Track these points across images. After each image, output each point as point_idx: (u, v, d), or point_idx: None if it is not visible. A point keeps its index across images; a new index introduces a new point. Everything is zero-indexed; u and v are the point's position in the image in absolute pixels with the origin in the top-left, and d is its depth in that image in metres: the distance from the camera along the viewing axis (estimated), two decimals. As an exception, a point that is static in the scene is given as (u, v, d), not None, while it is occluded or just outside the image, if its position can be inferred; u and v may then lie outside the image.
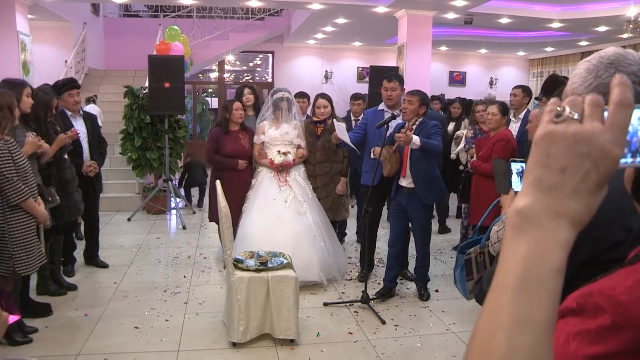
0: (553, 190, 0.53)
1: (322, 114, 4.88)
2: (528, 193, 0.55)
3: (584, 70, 1.07)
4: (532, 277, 0.52)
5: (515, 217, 0.55)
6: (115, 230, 6.31)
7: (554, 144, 0.54)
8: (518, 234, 0.54)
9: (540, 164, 0.55)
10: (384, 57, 12.42)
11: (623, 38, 9.57)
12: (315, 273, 4.31)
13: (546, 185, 0.54)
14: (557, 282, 0.52)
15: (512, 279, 0.52)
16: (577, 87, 1.08)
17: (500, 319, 0.51)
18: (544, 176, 0.54)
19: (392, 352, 3.37)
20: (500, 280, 0.54)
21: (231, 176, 4.72)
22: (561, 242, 0.53)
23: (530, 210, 0.54)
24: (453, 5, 7.64)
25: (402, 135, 3.81)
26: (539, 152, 0.55)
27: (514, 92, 5.11)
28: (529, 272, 0.52)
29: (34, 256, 3.18)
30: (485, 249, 1.99)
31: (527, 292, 0.51)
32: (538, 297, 0.51)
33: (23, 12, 7.58)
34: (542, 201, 0.54)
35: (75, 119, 4.61)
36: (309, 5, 8.09)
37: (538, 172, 0.55)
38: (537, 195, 0.54)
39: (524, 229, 0.54)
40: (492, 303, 0.54)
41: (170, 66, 6.83)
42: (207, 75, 13.96)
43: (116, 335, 3.50)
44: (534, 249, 0.53)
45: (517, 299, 0.51)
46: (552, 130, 0.55)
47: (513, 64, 14.25)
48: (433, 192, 4.15)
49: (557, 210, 0.53)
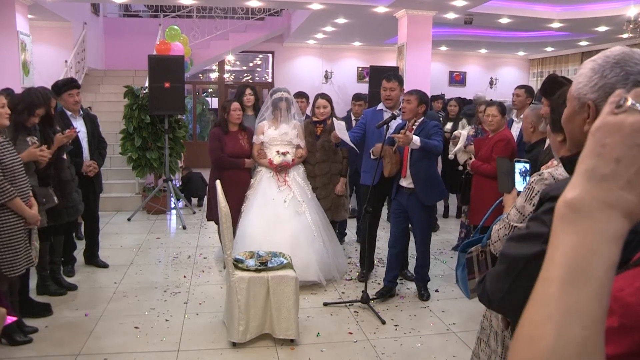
0: (606, 180, 0.52)
1: (322, 114, 4.88)
2: (578, 184, 0.53)
3: (590, 69, 1.06)
4: (581, 270, 0.50)
5: (563, 208, 0.53)
6: (115, 230, 6.31)
7: (610, 134, 0.52)
8: (567, 225, 0.53)
9: (593, 154, 0.53)
10: (384, 57, 12.41)
11: (623, 38, 9.56)
12: (314, 273, 4.30)
13: (599, 176, 0.52)
14: (609, 276, 0.51)
15: (561, 271, 0.51)
16: (582, 87, 1.08)
17: (549, 309, 0.50)
18: (597, 166, 0.52)
19: (392, 352, 3.37)
20: (549, 272, 0.53)
21: (230, 176, 4.71)
22: (613, 234, 0.51)
23: (580, 201, 0.52)
24: (453, 5, 7.64)
25: (402, 136, 3.81)
26: (593, 142, 0.54)
27: (517, 92, 5.10)
28: (579, 264, 0.51)
29: (21, 257, 3.12)
30: (487, 248, 1.99)
31: (576, 284, 0.50)
32: (588, 290, 0.50)
33: (23, 12, 7.57)
34: (593, 192, 0.52)
35: (75, 119, 4.61)
36: (309, 5, 8.08)
37: (591, 162, 0.53)
38: (587, 186, 0.52)
39: (574, 220, 0.52)
40: (540, 294, 0.52)
41: (170, 66, 6.83)
42: (207, 75, 13.96)
43: (116, 335, 3.50)
44: (584, 240, 0.51)
45: (566, 291, 0.50)
46: (610, 121, 0.53)
47: (513, 64, 14.24)
48: (433, 193, 4.15)
49: (609, 201, 0.51)
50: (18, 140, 3.49)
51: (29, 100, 3.56)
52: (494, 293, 1.18)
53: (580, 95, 1.08)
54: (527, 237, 1.10)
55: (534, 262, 1.06)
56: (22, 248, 3.13)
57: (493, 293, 1.19)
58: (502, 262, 1.17)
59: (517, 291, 1.12)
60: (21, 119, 3.52)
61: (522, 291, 1.10)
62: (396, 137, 3.86)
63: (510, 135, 4.37)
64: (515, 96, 5.11)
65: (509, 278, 1.13)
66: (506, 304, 1.17)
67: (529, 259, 1.07)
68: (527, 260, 1.08)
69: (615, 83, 1.01)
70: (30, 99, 3.57)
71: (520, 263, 1.10)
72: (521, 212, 1.69)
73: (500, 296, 1.16)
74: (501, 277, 1.16)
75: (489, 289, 1.21)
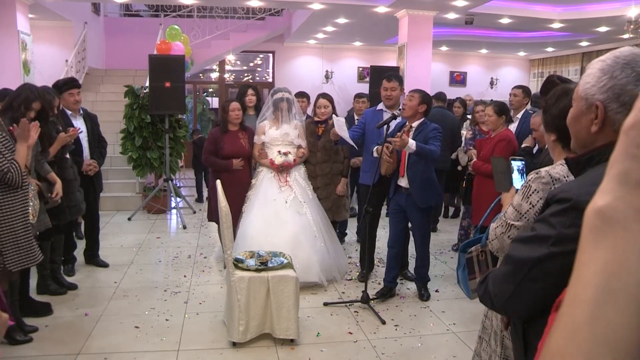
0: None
1: (323, 113, 4.87)
2: (610, 189, 0.47)
3: (598, 70, 1.05)
4: (615, 290, 0.44)
5: (594, 218, 0.47)
6: (115, 230, 6.31)
7: None
8: (598, 238, 0.46)
9: (628, 155, 0.47)
10: (385, 57, 12.41)
11: (624, 39, 9.56)
12: (315, 274, 4.30)
13: (634, 181, 0.46)
14: None
15: (592, 292, 0.45)
16: (589, 87, 1.06)
17: (578, 339, 0.45)
18: (632, 169, 0.46)
19: (392, 352, 3.37)
20: (577, 293, 0.47)
21: (231, 176, 4.72)
22: None
23: (614, 210, 0.46)
24: (454, 5, 7.64)
25: (398, 139, 3.79)
26: (627, 142, 0.47)
27: (514, 92, 5.11)
28: (612, 283, 0.45)
29: (23, 252, 3.12)
30: (487, 248, 1.99)
31: (609, 307, 0.44)
32: (622, 313, 0.44)
33: (24, 12, 7.58)
34: (628, 199, 0.46)
35: (75, 118, 4.61)
36: (309, 5, 8.08)
37: (624, 165, 0.47)
38: (621, 192, 0.46)
39: (605, 232, 0.46)
40: (569, 320, 0.47)
41: (171, 66, 6.83)
42: (207, 75, 13.96)
43: (116, 334, 3.50)
44: (618, 255, 0.45)
45: (598, 316, 0.44)
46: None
47: (514, 64, 14.24)
48: (428, 195, 4.13)
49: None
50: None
51: (24, 95, 3.55)
52: (498, 294, 1.18)
53: (587, 96, 1.07)
54: (533, 239, 1.09)
55: (540, 265, 1.06)
56: (24, 243, 3.14)
57: (497, 294, 1.18)
58: (507, 264, 1.17)
59: (523, 294, 1.11)
60: (18, 114, 3.51)
61: (528, 293, 1.10)
62: (392, 141, 3.84)
63: (512, 135, 4.36)
64: (513, 96, 5.12)
65: (515, 280, 1.12)
66: (511, 305, 1.17)
67: (535, 261, 1.07)
68: (533, 263, 1.08)
69: (625, 84, 1.00)
70: (25, 94, 3.55)
71: (526, 266, 1.09)
72: (518, 210, 1.69)
73: (505, 298, 1.16)
74: (507, 279, 1.15)
75: (492, 290, 1.20)
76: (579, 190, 1.00)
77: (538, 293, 1.08)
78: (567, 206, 1.01)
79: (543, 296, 1.06)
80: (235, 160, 4.76)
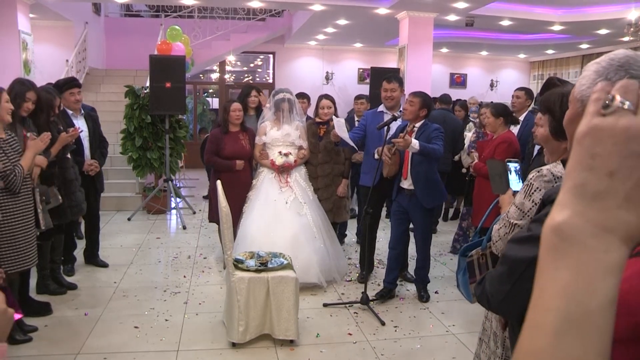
0: (599, 199, 0.43)
1: (326, 114, 4.87)
2: (567, 203, 0.44)
3: (593, 72, 1.06)
4: (577, 315, 0.42)
5: (552, 236, 0.45)
6: (115, 230, 6.31)
7: (601, 141, 0.44)
8: (557, 258, 0.44)
9: (583, 166, 0.44)
10: (385, 59, 12.42)
11: (624, 41, 9.58)
12: (315, 275, 4.30)
13: (590, 193, 0.43)
14: (609, 317, 0.42)
15: (552, 318, 0.43)
16: (585, 89, 1.07)
17: None
18: (588, 181, 0.44)
19: (391, 353, 3.37)
20: (537, 319, 0.44)
21: (231, 177, 4.72)
22: (611, 265, 0.43)
23: (571, 227, 0.44)
24: (454, 7, 7.65)
25: (401, 140, 3.80)
26: (581, 152, 0.45)
27: (517, 94, 5.12)
28: (573, 308, 0.42)
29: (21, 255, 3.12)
30: (487, 250, 1.99)
31: (571, 334, 0.42)
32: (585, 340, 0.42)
33: (25, 11, 7.58)
34: (585, 213, 0.43)
35: (76, 118, 4.61)
36: (310, 6, 8.09)
37: (580, 177, 0.44)
38: (578, 206, 0.44)
39: (564, 251, 0.44)
40: (529, 346, 0.44)
41: (172, 66, 6.84)
42: (207, 75, 13.96)
43: (116, 334, 3.50)
44: (578, 277, 0.43)
45: (559, 345, 0.42)
46: (598, 125, 0.44)
47: (514, 67, 14.26)
48: (433, 196, 4.14)
49: (605, 225, 0.43)
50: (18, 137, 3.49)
51: (17, 88, 3.55)
52: (494, 295, 1.19)
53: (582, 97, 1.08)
54: (528, 239, 1.10)
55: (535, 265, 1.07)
56: (22, 246, 3.14)
57: (493, 295, 1.19)
58: (503, 264, 1.18)
59: (518, 294, 1.12)
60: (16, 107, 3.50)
61: (523, 294, 1.10)
62: (395, 142, 3.85)
63: (513, 137, 4.36)
64: (515, 98, 5.12)
65: (510, 280, 1.13)
66: (507, 306, 1.17)
67: (530, 261, 1.07)
68: (528, 263, 1.08)
69: None
70: (18, 87, 3.55)
71: (521, 266, 1.10)
72: (520, 208, 1.70)
73: (501, 298, 1.16)
74: (502, 279, 1.16)
75: (488, 290, 1.21)
76: None
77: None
78: None
79: None
80: (238, 161, 4.76)
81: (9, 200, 3.07)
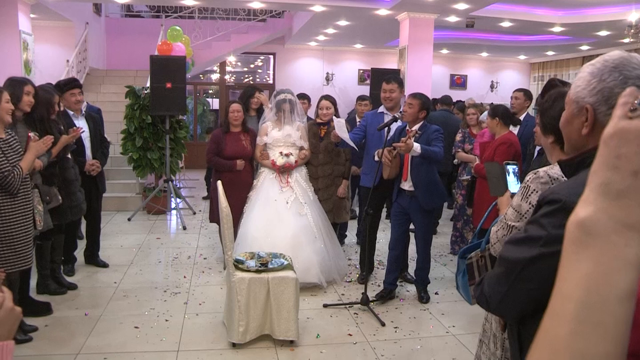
0: (623, 197, 0.45)
1: (326, 115, 4.87)
2: (592, 200, 0.47)
3: (588, 73, 1.07)
4: (595, 304, 0.44)
5: (575, 230, 0.47)
6: (115, 230, 6.32)
7: (627, 142, 0.46)
8: (579, 250, 0.46)
9: (608, 166, 0.47)
10: (385, 60, 12.43)
11: (624, 43, 9.59)
12: (315, 275, 4.31)
13: (615, 191, 0.46)
14: (627, 309, 0.44)
15: (572, 306, 0.45)
16: (580, 90, 1.09)
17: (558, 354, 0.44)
18: (613, 180, 0.46)
19: (391, 354, 3.37)
20: (558, 306, 0.46)
21: (232, 177, 4.73)
22: (631, 259, 0.45)
23: (595, 222, 0.46)
24: (455, 8, 7.66)
25: (402, 144, 3.80)
26: (607, 152, 0.47)
27: (516, 95, 5.13)
28: (592, 297, 0.44)
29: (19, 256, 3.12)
30: (486, 252, 1.99)
31: (589, 322, 0.44)
32: (603, 329, 0.43)
33: (25, 12, 7.59)
34: (608, 210, 0.46)
35: (77, 118, 4.62)
36: (310, 7, 8.10)
37: (605, 176, 0.47)
38: (602, 204, 0.46)
39: (587, 244, 0.46)
40: (549, 334, 0.46)
41: (172, 67, 6.84)
42: (208, 76, 13.96)
43: (116, 334, 3.50)
44: (599, 269, 0.45)
45: (578, 332, 0.44)
46: (625, 127, 0.47)
47: (514, 68, 14.27)
48: (433, 197, 4.15)
49: (627, 222, 0.45)
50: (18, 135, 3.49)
51: (14, 83, 3.53)
52: (492, 296, 1.19)
53: (578, 99, 1.09)
54: (525, 240, 1.11)
55: (532, 265, 1.07)
56: (20, 246, 3.14)
57: (491, 296, 1.19)
58: (500, 265, 1.18)
59: (515, 294, 1.13)
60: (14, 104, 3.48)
61: (520, 294, 1.12)
62: (397, 146, 3.86)
63: (514, 138, 4.36)
64: (514, 99, 5.14)
65: (508, 281, 1.13)
66: (505, 306, 1.18)
67: (526, 262, 1.08)
68: (525, 263, 1.09)
69: (613, 87, 1.02)
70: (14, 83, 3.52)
71: (518, 266, 1.11)
72: (518, 210, 1.70)
73: (498, 299, 1.17)
74: (500, 280, 1.16)
75: (487, 292, 1.21)
76: (569, 192, 1.02)
77: (530, 293, 1.09)
78: (557, 207, 1.02)
79: (535, 297, 1.07)
80: (239, 161, 4.77)
81: (7, 200, 3.07)
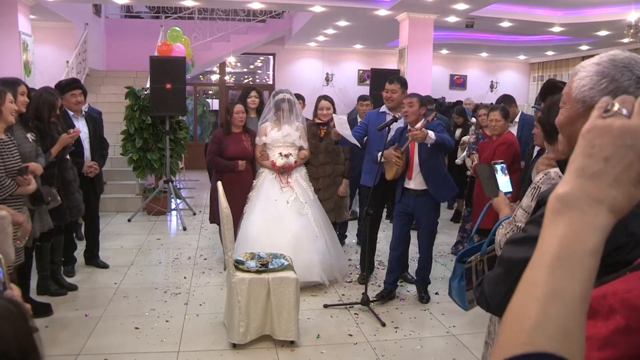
0: (595, 178, 0.55)
1: (325, 115, 4.87)
2: (569, 181, 0.57)
3: (595, 73, 1.04)
4: (567, 256, 0.54)
5: (555, 202, 0.57)
6: (115, 231, 6.31)
7: (600, 135, 0.56)
8: (557, 217, 0.56)
9: (584, 154, 0.57)
10: (385, 60, 12.44)
11: (624, 43, 9.59)
12: (317, 273, 4.31)
13: (588, 173, 0.56)
14: (593, 261, 0.54)
15: (549, 257, 0.55)
16: (587, 90, 1.05)
17: (536, 292, 0.54)
18: (587, 165, 0.56)
19: (392, 354, 3.37)
20: (537, 259, 0.57)
21: (232, 177, 4.73)
22: (599, 225, 0.55)
23: (571, 196, 0.56)
24: (454, 8, 7.66)
25: (418, 132, 3.79)
26: (584, 144, 0.57)
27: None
28: (565, 250, 0.54)
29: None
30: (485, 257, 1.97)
31: (562, 268, 0.54)
32: (572, 273, 0.53)
33: (25, 13, 7.59)
34: (583, 188, 0.56)
35: (77, 119, 4.62)
36: (310, 8, 8.11)
37: (581, 161, 0.57)
38: (578, 183, 0.56)
39: (563, 212, 0.56)
40: (529, 279, 0.56)
41: (172, 67, 6.84)
42: (207, 76, 13.96)
43: (116, 335, 3.50)
44: (571, 230, 0.55)
45: (553, 275, 0.54)
46: (599, 124, 0.57)
47: (514, 68, 14.27)
48: (445, 190, 4.19)
49: (597, 197, 0.55)
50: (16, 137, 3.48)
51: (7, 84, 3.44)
52: (492, 296, 1.19)
53: (585, 98, 1.06)
54: (525, 240, 1.10)
55: None
56: None
57: (492, 296, 1.19)
58: (500, 265, 1.18)
59: None
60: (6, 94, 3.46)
61: None
62: (412, 134, 3.84)
63: (513, 139, 4.37)
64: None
65: (508, 281, 1.13)
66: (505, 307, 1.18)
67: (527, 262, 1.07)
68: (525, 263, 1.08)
69: (627, 87, 1.00)
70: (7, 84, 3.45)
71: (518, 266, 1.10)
72: (528, 211, 1.68)
73: (498, 299, 1.17)
74: (500, 280, 1.16)
75: (487, 292, 1.21)
76: None
77: None
78: None
79: None
80: (240, 161, 4.77)
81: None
